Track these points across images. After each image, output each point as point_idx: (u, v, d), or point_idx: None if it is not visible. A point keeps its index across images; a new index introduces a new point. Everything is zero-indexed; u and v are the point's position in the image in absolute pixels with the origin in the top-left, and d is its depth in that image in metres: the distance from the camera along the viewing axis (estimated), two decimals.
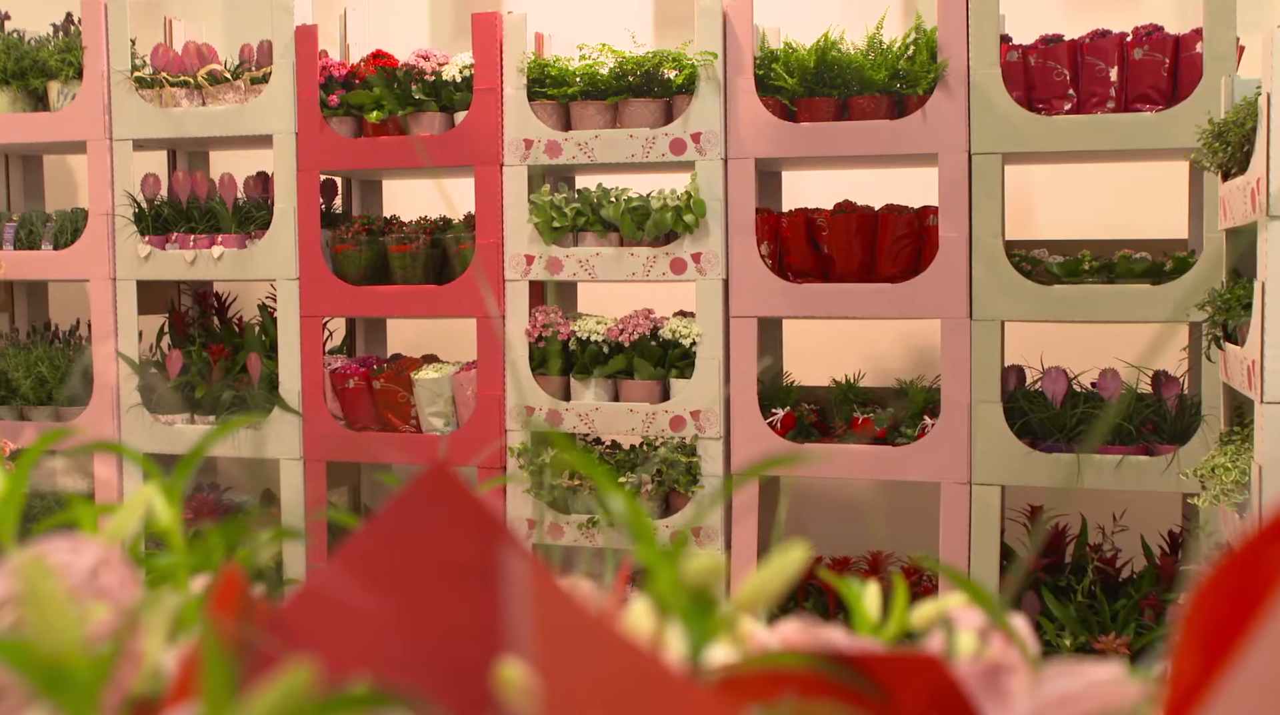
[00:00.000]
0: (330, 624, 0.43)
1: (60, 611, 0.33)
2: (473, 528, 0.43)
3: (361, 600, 0.42)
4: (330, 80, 3.43)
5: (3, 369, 3.69)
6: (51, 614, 0.33)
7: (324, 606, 0.43)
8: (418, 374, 3.36)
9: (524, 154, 3.27)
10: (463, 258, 3.36)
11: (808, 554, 0.43)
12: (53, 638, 0.33)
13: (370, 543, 0.44)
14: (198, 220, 3.54)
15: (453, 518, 0.43)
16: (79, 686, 0.32)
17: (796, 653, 0.41)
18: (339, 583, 0.43)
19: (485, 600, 0.43)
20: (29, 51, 3.64)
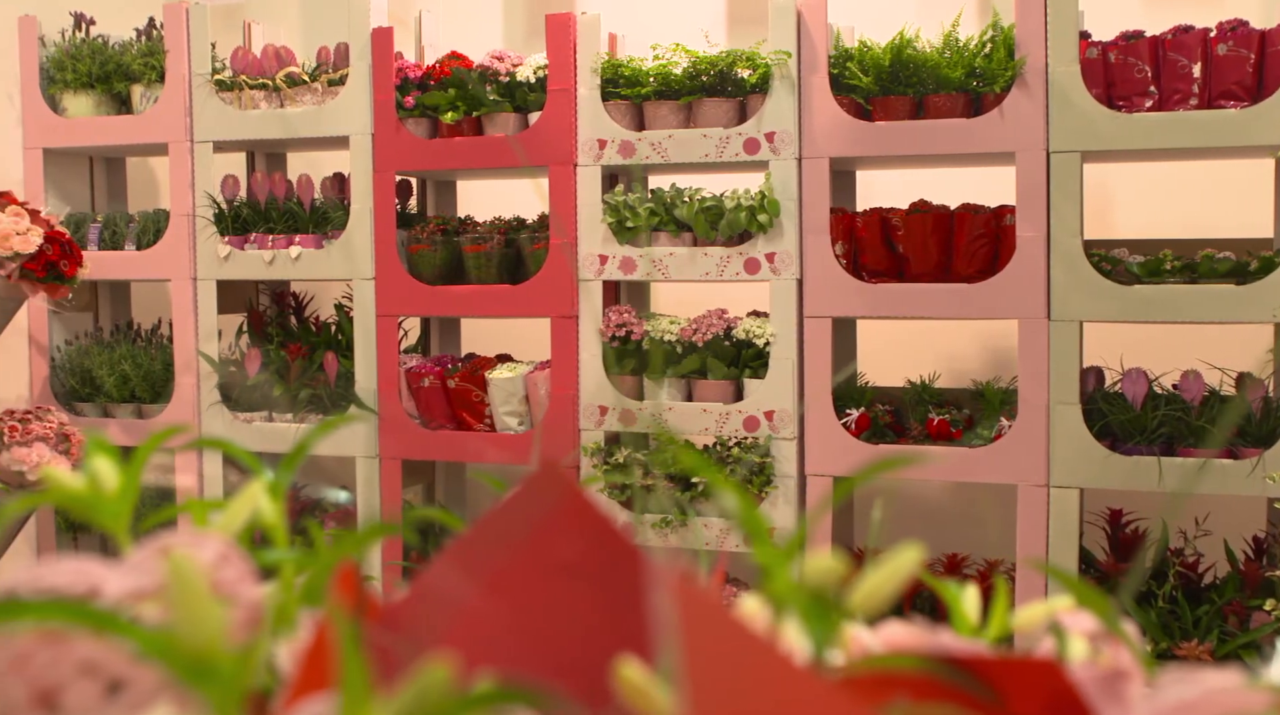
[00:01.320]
0: (441, 621, 0.43)
1: (205, 605, 0.33)
2: (583, 527, 0.44)
3: (472, 597, 0.43)
4: (406, 82, 3.46)
5: (87, 367, 3.76)
6: (197, 608, 0.33)
7: (435, 603, 0.43)
8: (492, 373, 3.38)
9: (598, 154, 3.28)
10: (536, 258, 3.38)
11: (922, 556, 0.42)
12: (197, 631, 0.33)
13: (481, 540, 0.44)
14: (276, 221, 3.59)
15: (563, 516, 0.44)
16: (223, 680, 0.33)
17: (911, 655, 0.41)
18: (450, 580, 0.43)
19: (595, 599, 0.43)
20: (113, 56, 3.71)
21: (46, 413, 3.48)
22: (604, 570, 0.44)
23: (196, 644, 0.33)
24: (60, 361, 3.82)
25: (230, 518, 0.54)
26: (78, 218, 3.79)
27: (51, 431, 3.43)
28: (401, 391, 3.47)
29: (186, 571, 0.33)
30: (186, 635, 0.33)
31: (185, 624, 0.33)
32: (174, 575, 0.34)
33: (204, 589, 0.33)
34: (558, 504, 0.44)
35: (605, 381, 3.29)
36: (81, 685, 0.40)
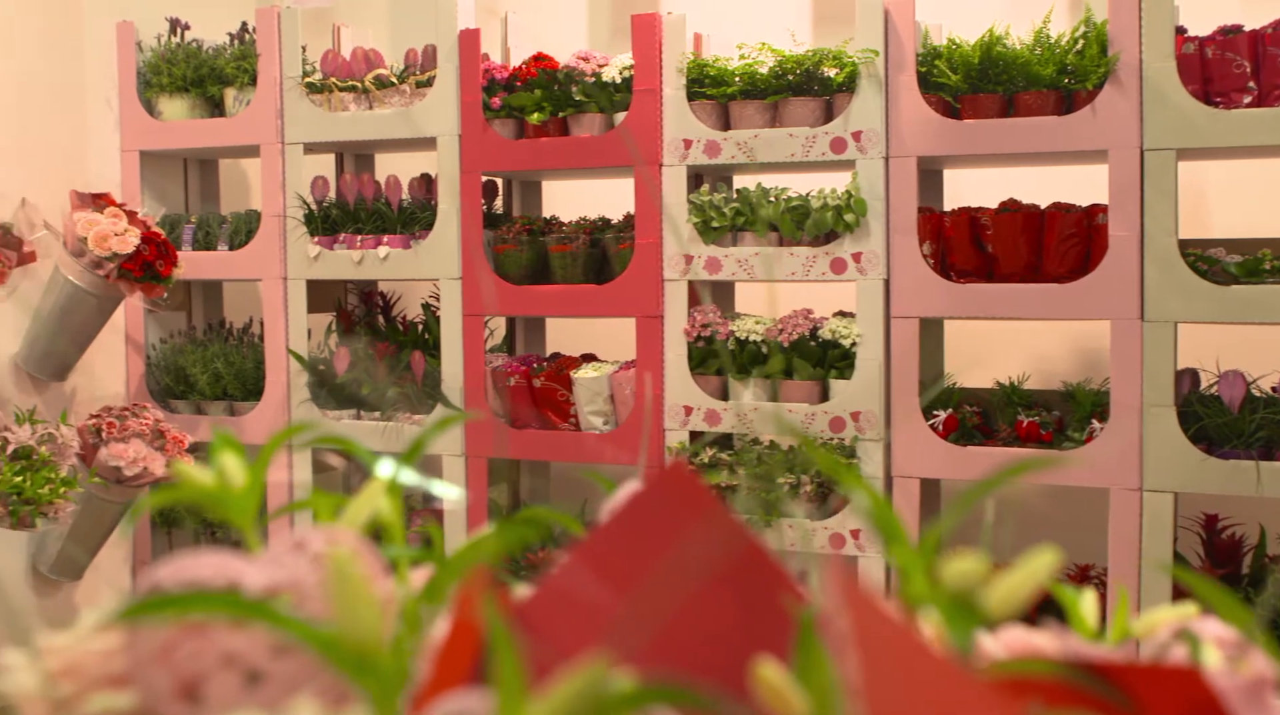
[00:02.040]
0: (570, 618, 0.43)
1: (367, 602, 0.34)
2: (712, 527, 0.44)
3: (602, 596, 0.43)
4: (492, 83, 3.48)
5: (181, 365, 3.83)
6: (359, 604, 0.34)
7: (564, 601, 0.43)
8: (577, 373, 3.40)
9: (683, 154, 3.28)
10: (622, 258, 3.38)
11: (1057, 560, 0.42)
12: (360, 627, 0.34)
13: (609, 539, 0.45)
14: (364, 221, 3.63)
15: (691, 516, 0.44)
16: (384, 675, 0.33)
17: (1047, 660, 0.40)
18: (579, 578, 0.43)
19: (723, 598, 0.43)
20: (207, 60, 3.78)
21: (142, 410, 3.55)
22: (732, 570, 0.44)
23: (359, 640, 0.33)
24: (155, 360, 3.90)
25: (354, 514, 0.55)
26: (172, 218, 3.86)
27: (147, 428, 3.50)
28: (487, 390, 3.49)
29: (349, 569, 0.34)
30: (349, 632, 0.34)
31: (348, 621, 0.34)
32: (336, 573, 0.34)
33: (366, 587, 0.34)
34: (685, 504, 0.44)
35: (690, 381, 3.29)
36: (223, 676, 0.41)
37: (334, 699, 0.41)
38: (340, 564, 0.34)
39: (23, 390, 3.60)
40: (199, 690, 0.41)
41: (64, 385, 3.71)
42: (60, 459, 3.17)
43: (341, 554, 0.34)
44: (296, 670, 0.41)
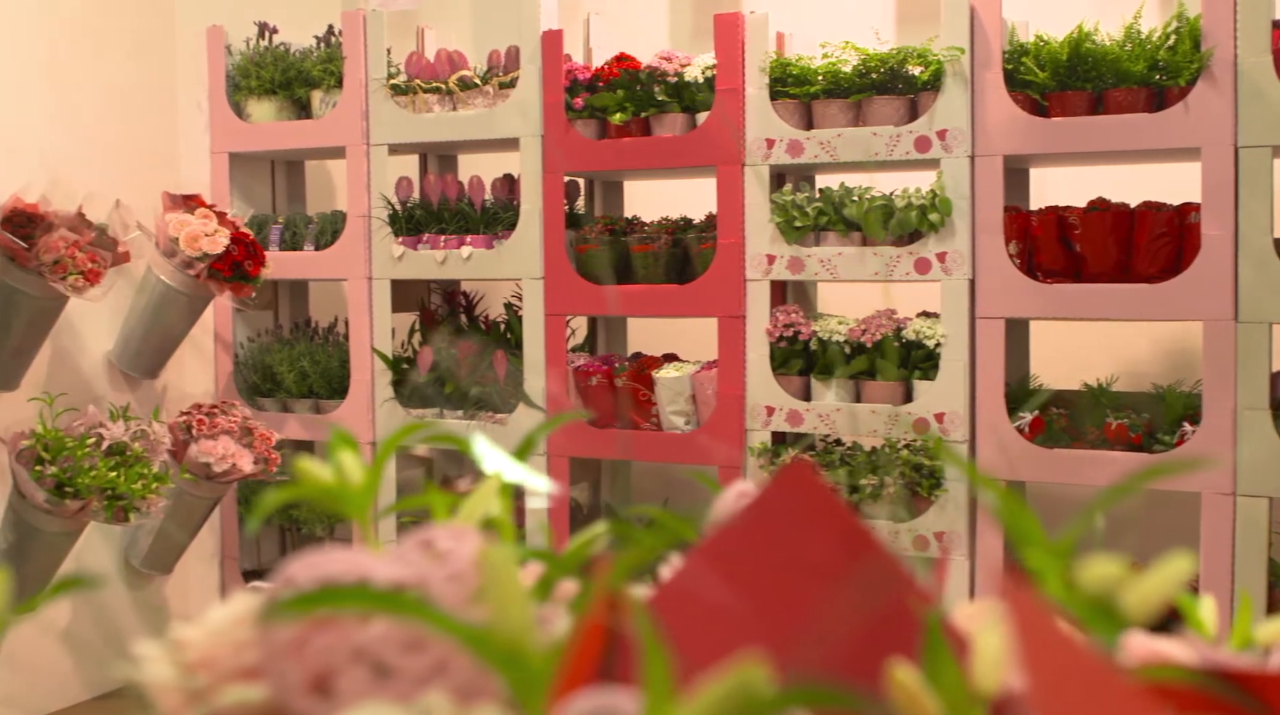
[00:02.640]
0: (692, 617, 0.43)
1: (519, 600, 0.34)
2: (832, 527, 0.44)
3: (722, 595, 0.43)
4: (575, 83, 3.49)
5: (268, 363, 3.89)
6: (511, 603, 0.34)
7: (687, 600, 0.43)
8: (659, 372, 3.40)
9: (765, 153, 3.27)
10: (704, 258, 3.38)
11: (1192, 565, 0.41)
12: (511, 625, 0.34)
13: (730, 539, 0.45)
14: (448, 221, 3.66)
15: (812, 516, 0.44)
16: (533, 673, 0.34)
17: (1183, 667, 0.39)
18: (701, 577, 0.43)
19: (844, 599, 0.43)
20: (294, 63, 3.84)
21: (231, 407, 3.61)
22: (853, 570, 0.44)
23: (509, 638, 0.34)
24: (243, 358, 3.96)
25: (469, 511, 0.55)
26: (260, 219, 3.92)
27: (235, 425, 3.56)
28: (569, 390, 3.51)
29: (502, 568, 0.34)
30: (501, 629, 0.34)
31: (499, 618, 0.34)
32: (490, 572, 0.34)
33: (518, 586, 0.34)
34: (807, 504, 0.44)
35: (772, 381, 3.28)
36: (354, 671, 0.41)
37: (464, 696, 0.41)
38: (494, 561, 0.35)
39: (116, 388, 3.68)
40: (329, 684, 0.41)
41: (155, 383, 3.79)
42: (152, 455, 3.24)
43: (496, 551, 0.35)
44: (426, 666, 0.41)
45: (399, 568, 0.43)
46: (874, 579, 0.44)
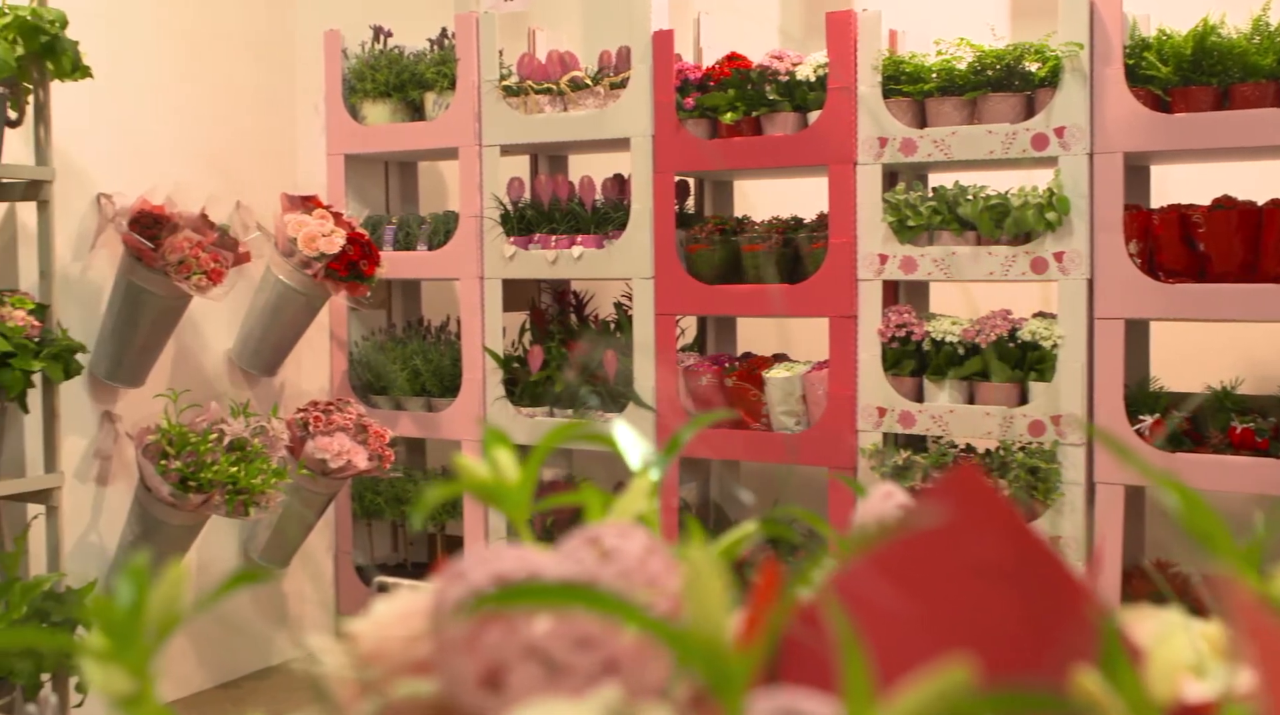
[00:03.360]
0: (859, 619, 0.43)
1: (721, 601, 0.34)
2: (1000, 529, 0.43)
3: (889, 596, 0.43)
4: (686, 83, 3.50)
5: (381, 361, 3.96)
6: (713, 603, 0.34)
7: (853, 602, 0.43)
8: (769, 372, 3.39)
9: (878, 152, 3.24)
10: (815, 257, 3.36)
11: None
12: (712, 625, 0.34)
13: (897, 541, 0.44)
14: (558, 221, 3.69)
15: (980, 520, 0.43)
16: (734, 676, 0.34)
17: None
18: (868, 578, 0.43)
19: (1013, 603, 0.43)
20: (408, 65, 3.89)
21: (346, 404, 3.68)
22: (1022, 574, 0.43)
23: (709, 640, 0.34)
24: (357, 356, 4.03)
25: (623, 509, 0.56)
26: (374, 220, 3.99)
27: (350, 422, 3.62)
28: (679, 389, 3.51)
29: (703, 568, 0.34)
30: (702, 630, 0.34)
31: (701, 619, 0.34)
32: (692, 571, 0.35)
33: (719, 586, 0.34)
34: (975, 507, 0.44)
35: (884, 382, 3.25)
36: (526, 667, 0.42)
37: (633, 694, 0.41)
38: (696, 560, 0.35)
39: (236, 385, 3.77)
40: (500, 679, 0.42)
41: (273, 380, 3.87)
42: (271, 451, 3.31)
43: (698, 552, 0.35)
44: (596, 663, 0.42)
45: (567, 565, 0.44)
46: (1043, 584, 0.43)
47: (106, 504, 3.44)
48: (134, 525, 3.32)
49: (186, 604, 0.46)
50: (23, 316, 2.86)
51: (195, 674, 3.70)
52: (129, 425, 3.39)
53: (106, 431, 3.41)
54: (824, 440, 3.30)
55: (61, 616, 2.89)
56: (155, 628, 0.46)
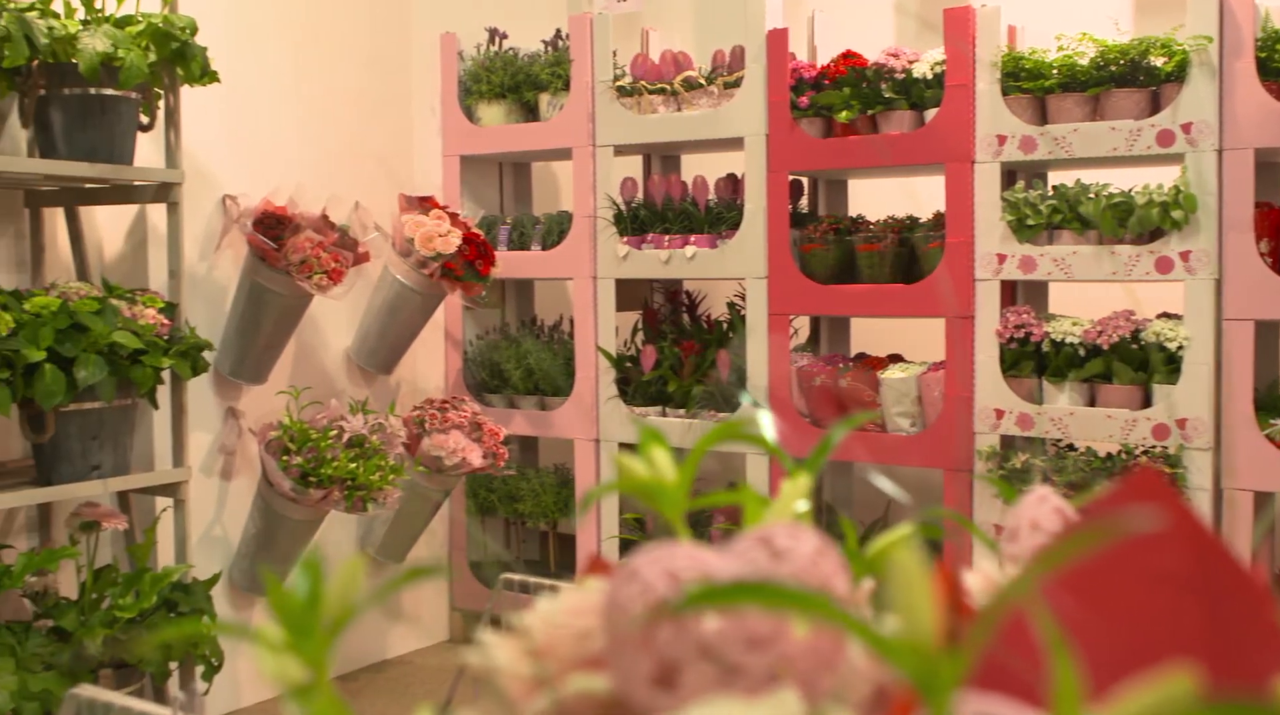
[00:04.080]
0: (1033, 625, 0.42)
1: (929, 604, 0.34)
2: (1184, 536, 0.42)
3: (1065, 603, 0.42)
4: (800, 82, 3.48)
5: (495, 360, 4.00)
6: (921, 607, 0.34)
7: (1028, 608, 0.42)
8: (884, 373, 3.36)
9: (997, 150, 3.19)
10: (931, 257, 3.32)
11: None
12: (921, 630, 0.34)
13: None
14: (672, 221, 3.69)
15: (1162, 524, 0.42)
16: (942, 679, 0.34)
17: None
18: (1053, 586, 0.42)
19: (1196, 611, 0.42)
20: (523, 67, 3.93)
21: (461, 402, 3.72)
22: (1207, 580, 0.42)
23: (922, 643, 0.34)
24: (471, 355, 4.08)
25: (780, 510, 0.56)
26: (489, 220, 4.03)
27: (465, 420, 3.66)
28: (792, 389, 3.49)
29: (912, 571, 0.34)
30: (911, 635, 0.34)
31: (910, 623, 0.34)
32: (900, 574, 0.34)
33: (927, 589, 0.34)
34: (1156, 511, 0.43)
35: (1002, 384, 3.20)
36: (700, 667, 0.42)
37: (807, 696, 0.41)
38: (904, 563, 0.35)
39: (354, 382, 3.84)
40: (674, 678, 0.42)
41: (390, 378, 3.93)
42: (389, 448, 3.36)
43: (905, 553, 0.35)
44: (771, 665, 0.42)
45: (739, 564, 0.44)
46: (1228, 591, 0.42)
47: (229, 498, 3.52)
48: (256, 519, 3.40)
49: (360, 597, 0.47)
50: (153, 315, 2.95)
51: None
52: (252, 421, 3.47)
53: (230, 427, 3.49)
54: (940, 442, 3.26)
55: (188, 607, 2.97)
56: (330, 619, 0.47)
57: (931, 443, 3.27)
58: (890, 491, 0.58)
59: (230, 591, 3.50)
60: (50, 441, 2.86)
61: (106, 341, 2.79)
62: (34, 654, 2.72)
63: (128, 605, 2.88)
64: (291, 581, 0.48)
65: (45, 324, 2.71)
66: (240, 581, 3.49)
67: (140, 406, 3.03)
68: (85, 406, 2.86)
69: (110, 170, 2.94)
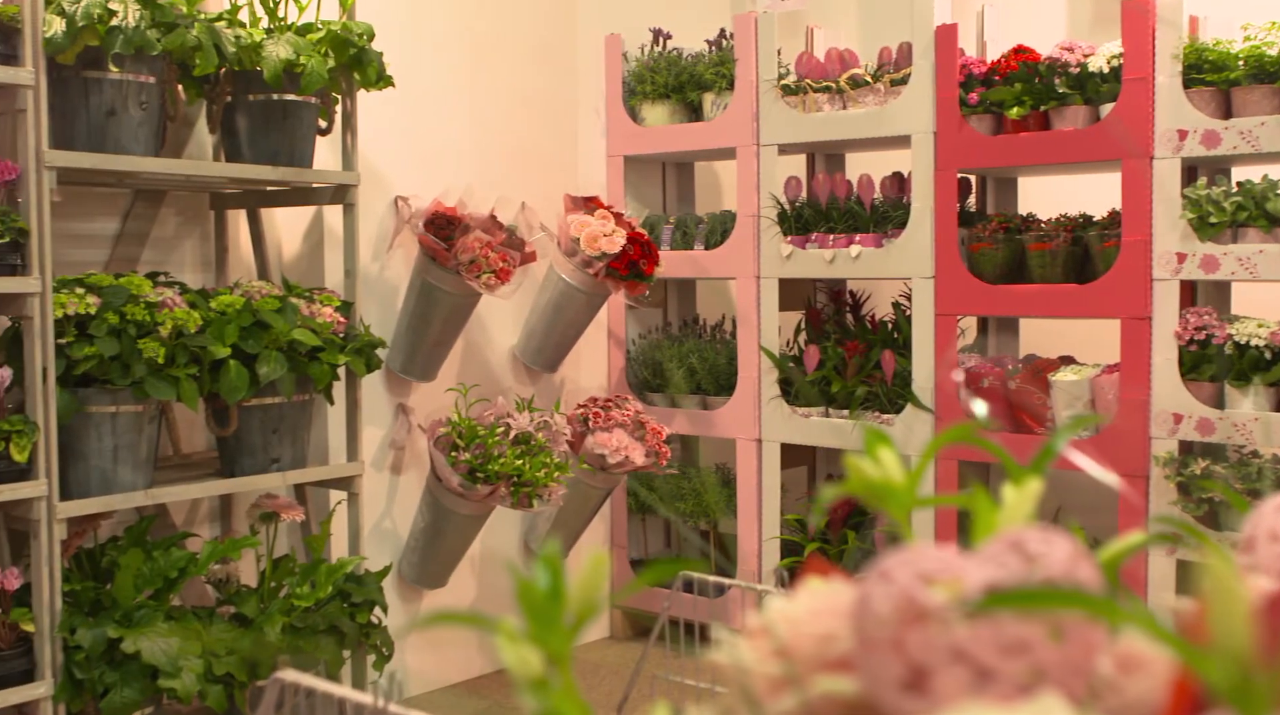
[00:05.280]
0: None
1: (1245, 614, 0.33)
2: None
3: None
4: (969, 78, 3.42)
5: (658, 359, 4.02)
6: (1238, 617, 0.33)
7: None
8: (1056, 375, 3.28)
9: (1177, 146, 3.09)
10: (1106, 256, 3.23)
11: None
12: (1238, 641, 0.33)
13: None
14: (836, 220, 3.66)
15: None
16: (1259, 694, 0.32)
17: None
18: None
19: None
20: (686, 67, 3.94)
21: (624, 401, 3.74)
22: None
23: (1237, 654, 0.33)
24: (634, 354, 4.10)
25: (1012, 513, 0.55)
26: (652, 219, 4.05)
27: (629, 419, 3.69)
28: (960, 391, 3.43)
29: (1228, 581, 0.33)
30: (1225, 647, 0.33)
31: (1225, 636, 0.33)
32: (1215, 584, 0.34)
33: (1244, 599, 0.33)
34: None
35: (1180, 387, 3.09)
36: (952, 671, 0.41)
37: (1072, 703, 0.40)
38: (1220, 573, 0.34)
39: (519, 381, 3.89)
40: (925, 682, 0.42)
41: (554, 376, 3.98)
42: (554, 445, 3.40)
43: (1221, 563, 0.34)
44: (1025, 670, 0.41)
45: (991, 568, 0.43)
46: None
47: (399, 492, 3.60)
48: (424, 513, 3.47)
49: (605, 593, 0.47)
50: (330, 313, 3.03)
51: (476, 658, 3.84)
52: (421, 418, 3.54)
53: (401, 423, 3.57)
54: (1114, 446, 3.16)
55: (361, 598, 3.05)
56: (574, 614, 0.47)
57: (1104, 447, 3.17)
58: (1103, 477, 0.57)
59: (398, 584, 3.58)
60: (233, 435, 2.96)
61: (287, 339, 2.88)
62: (218, 639, 2.83)
63: (304, 594, 2.97)
64: (533, 573, 0.49)
65: (230, 322, 2.82)
66: (408, 574, 3.57)
67: (316, 402, 3.12)
68: (266, 401, 2.96)
69: (291, 173, 3.03)
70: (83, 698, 2.67)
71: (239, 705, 2.84)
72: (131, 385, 2.68)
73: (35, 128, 2.57)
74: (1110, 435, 3.18)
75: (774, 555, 3.77)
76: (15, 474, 2.56)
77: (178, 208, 3.28)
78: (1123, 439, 3.16)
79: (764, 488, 3.79)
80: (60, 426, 2.64)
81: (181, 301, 2.77)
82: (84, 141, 2.73)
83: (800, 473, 4.13)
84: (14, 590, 2.62)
